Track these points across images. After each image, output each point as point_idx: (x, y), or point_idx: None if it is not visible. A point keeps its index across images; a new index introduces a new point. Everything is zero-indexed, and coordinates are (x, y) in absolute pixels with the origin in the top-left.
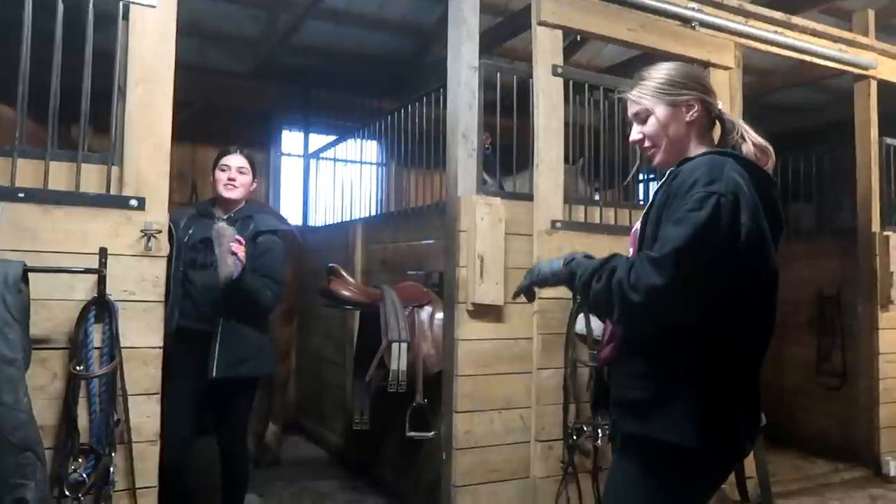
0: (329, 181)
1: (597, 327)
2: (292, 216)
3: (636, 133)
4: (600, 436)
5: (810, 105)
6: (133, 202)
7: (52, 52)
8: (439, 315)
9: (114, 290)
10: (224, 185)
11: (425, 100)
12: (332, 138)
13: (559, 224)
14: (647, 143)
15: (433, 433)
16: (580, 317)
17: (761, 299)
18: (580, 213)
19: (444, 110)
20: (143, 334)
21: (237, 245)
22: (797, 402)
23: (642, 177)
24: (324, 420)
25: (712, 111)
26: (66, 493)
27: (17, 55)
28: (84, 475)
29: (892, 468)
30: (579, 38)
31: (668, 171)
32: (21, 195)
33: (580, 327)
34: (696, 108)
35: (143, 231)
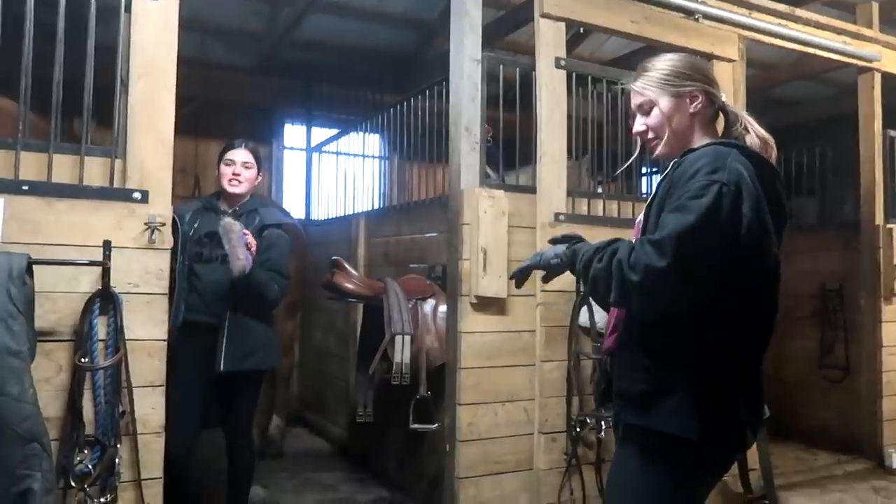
0: (332, 175)
1: (600, 319)
2: (295, 210)
3: (639, 124)
4: (604, 428)
5: (813, 98)
6: (136, 195)
7: (55, 45)
8: (442, 308)
9: (118, 283)
10: (229, 181)
11: (428, 93)
12: (334, 132)
13: (562, 217)
14: (650, 135)
15: (436, 425)
16: (583, 309)
17: (762, 291)
18: (583, 206)
19: (446, 104)
20: (147, 326)
21: (251, 238)
22: (800, 395)
23: (645, 170)
24: (327, 413)
25: (716, 102)
26: (72, 483)
27: (19, 49)
28: (90, 466)
29: (895, 460)
30: (582, 30)
31: (671, 162)
32: (25, 188)
33: (583, 319)
34: (700, 99)
35: (146, 224)
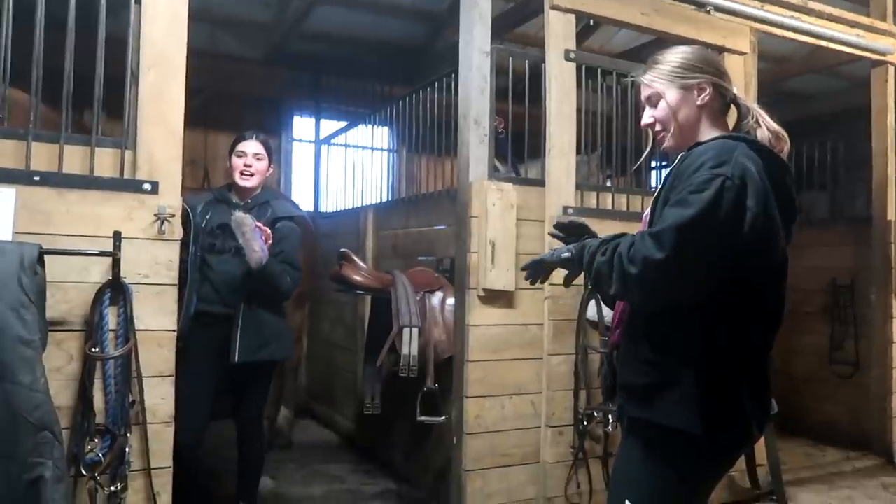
0: (340, 167)
1: (608, 313)
2: (303, 202)
3: (647, 117)
4: (611, 421)
5: (826, 91)
6: (146, 186)
7: (66, 37)
8: (450, 300)
9: (128, 273)
10: (240, 173)
11: (437, 85)
12: (343, 124)
13: (571, 210)
14: (657, 127)
15: (444, 418)
16: (591, 303)
17: (768, 286)
18: (592, 200)
19: (455, 96)
20: (156, 317)
21: (267, 230)
22: (809, 391)
23: (655, 164)
24: (335, 404)
25: (726, 95)
26: (83, 472)
27: (30, 40)
28: (100, 455)
29: None
30: (592, 22)
31: (678, 155)
32: (36, 178)
33: (591, 314)
34: (708, 92)
35: (156, 215)
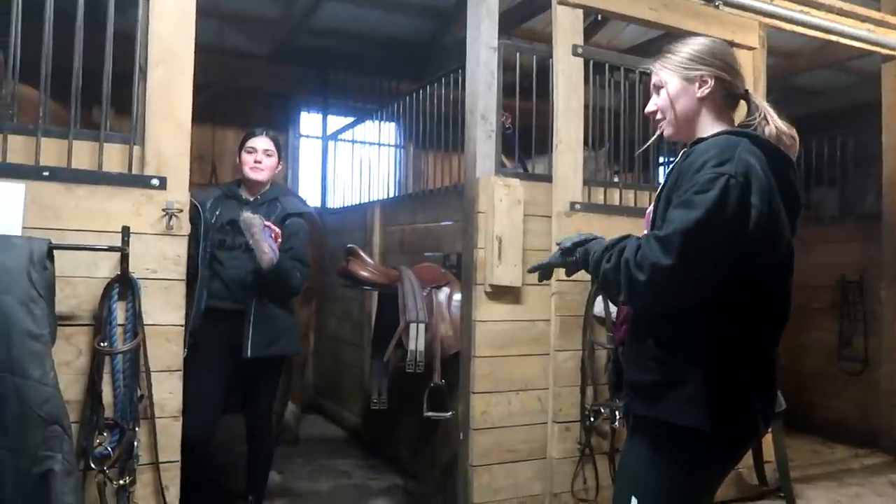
0: (347, 163)
1: (615, 310)
2: (310, 198)
3: (651, 104)
4: (617, 417)
5: (835, 86)
6: (154, 181)
7: (74, 33)
8: (457, 296)
9: (136, 268)
10: (251, 168)
11: (444, 81)
12: (350, 120)
13: (578, 206)
14: (658, 115)
15: (450, 413)
16: (598, 299)
17: (774, 282)
18: (600, 196)
19: (462, 92)
20: (165, 312)
21: (276, 229)
22: (817, 388)
23: (662, 160)
24: (342, 400)
25: (732, 90)
26: (92, 465)
27: (39, 37)
28: (109, 449)
29: None
30: (600, 17)
31: (681, 152)
32: (45, 174)
33: (598, 310)
34: (709, 84)
35: (164, 210)
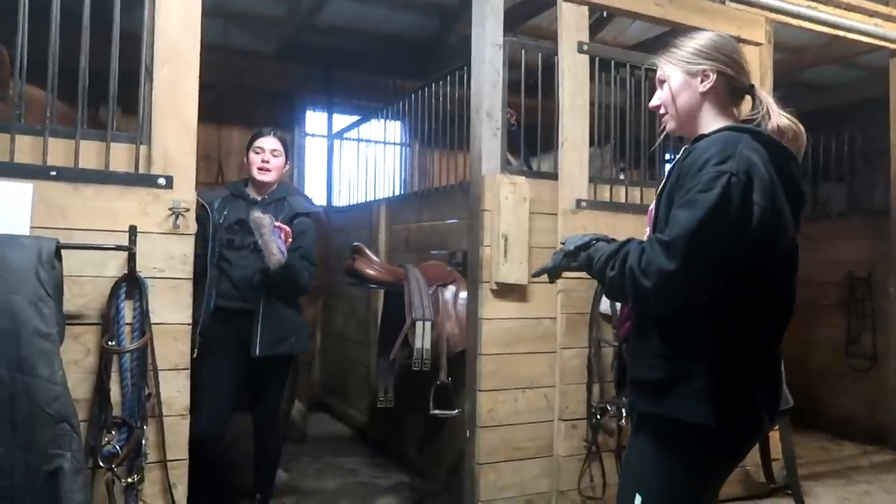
0: (353, 161)
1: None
2: (316, 196)
3: (655, 98)
4: (624, 415)
5: (843, 82)
6: (161, 181)
7: (81, 34)
8: (463, 294)
9: (143, 268)
10: (258, 168)
11: (449, 79)
12: (355, 118)
13: (584, 203)
14: (661, 110)
15: (457, 411)
16: (604, 296)
17: (778, 278)
18: (605, 193)
19: (467, 90)
20: (172, 311)
21: (286, 228)
22: (825, 384)
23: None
24: (348, 398)
25: (736, 85)
26: (100, 464)
27: (46, 38)
28: (117, 447)
29: None
30: (605, 14)
31: (682, 149)
32: (53, 173)
33: (605, 307)
34: (711, 79)
35: (171, 209)
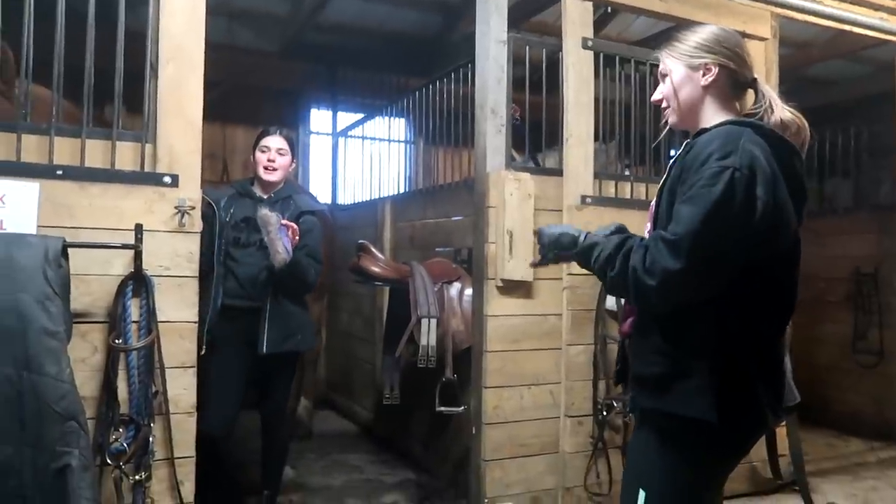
0: (357, 159)
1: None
2: (321, 194)
3: (657, 92)
4: (631, 411)
5: (849, 77)
6: (166, 179)
7: (86, 33)
8: (468, 291)
9: (149, 266)
10: (264, 168)
11: (453, 76)
12: (360, 116)
13: (589, 199)
14: (664, 104)
15: (462, 408)
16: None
17: (780, 273)
18: (611, 189)
19: (472, 86)
20: (178, 309)
21: (294, 226)
22: (832, 381)
23: (673, 152)
24: (354, 395)
25: (739, 78)
26: (108, 461)
27: (51, 37)
28: (124, 444)
29: None
30: (609, 10)
31: (684, 143)
32: (59, 172)
33: (610, 303)
34: (713, 73)
35: (176, 207)
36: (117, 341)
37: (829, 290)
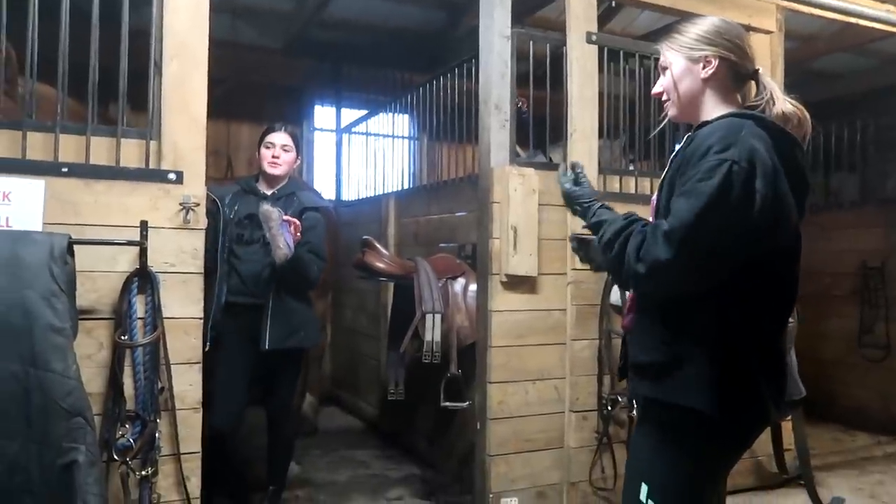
0: (361, 155)
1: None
2: (325, 191)
3: (658, 85)
4: (635, 406)
5: (855, 70)
6: (171, 176)
7: (90, 31)
8: (472, 287)
9: (154, 262)
10: (269, 163)
11: (457, 71)
12: (363, 112)
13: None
14: (664, 97)
15: (467, 403)
16: (615, 287)
17: (781, 266)
18: (615, 184)
19: (475, 82)
20: (183, 305)
21: (296, 222)
22: (838, 375)
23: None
24: (359, 391)
25: (740, 70)
26: (115, 457)
27: (56, 35)
28: (131, 440)
29: None
30: (614, 4)
31: (685, 136)
32: (64, 170)
33: (615, 298)
34: (714, 65)
35: (181, 204)
36: (123, 338)
37: (835, 285)
